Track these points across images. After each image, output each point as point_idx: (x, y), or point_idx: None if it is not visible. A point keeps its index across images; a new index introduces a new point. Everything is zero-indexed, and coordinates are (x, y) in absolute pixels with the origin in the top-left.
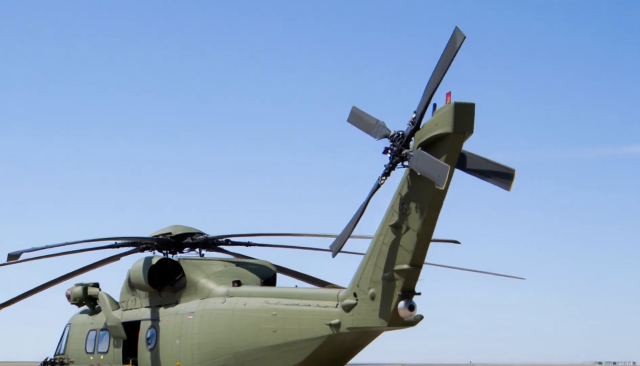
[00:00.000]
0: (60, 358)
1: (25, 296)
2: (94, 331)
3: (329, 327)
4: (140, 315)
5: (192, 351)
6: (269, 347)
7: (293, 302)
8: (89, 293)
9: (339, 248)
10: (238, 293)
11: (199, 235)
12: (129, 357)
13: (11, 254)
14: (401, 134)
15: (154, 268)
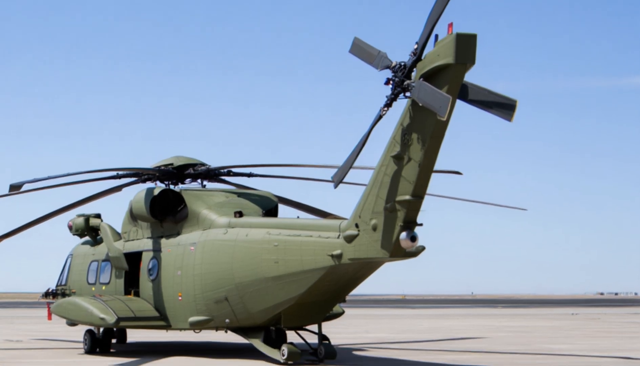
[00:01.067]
0: (62, 289)
1: (27, 227)
2: (95, 262)
3: (331, 258)
4: (142, 245)
5: (193, 282)
6: (270, 278)
7: (295, 233)
8: (91, 223)
9: (340, 179)
10: (240, 224)
11: (201, 166)
12: (131, 288)
13: (13, 185)
14: (403, 65)
15: (156, 198)
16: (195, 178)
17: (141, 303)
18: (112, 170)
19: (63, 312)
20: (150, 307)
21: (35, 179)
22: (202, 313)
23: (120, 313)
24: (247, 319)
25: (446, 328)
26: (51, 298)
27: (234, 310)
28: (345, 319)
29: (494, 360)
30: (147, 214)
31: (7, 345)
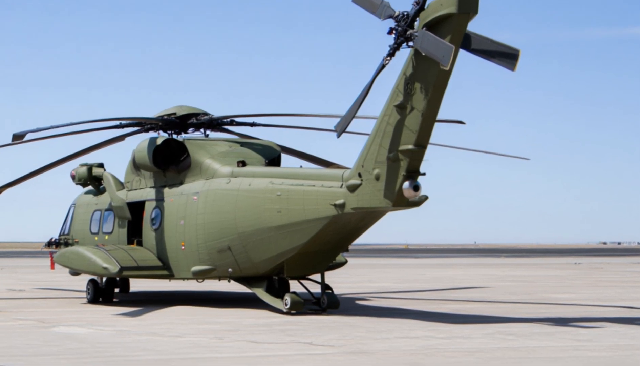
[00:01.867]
0: (64, 239)
1: (30, 177)
2: (98, 212)
3: (334, 207)
4: (144, 195)
5: (196, 232)
6: (273, 227)
7: (298, 182)
8: (94, 173)
9: (343, 129)
10: (243, 174)
11: (204, 115)
12: (134, 237)
13: (16, 135)
14: (406, 14)
15: (159, 148)
16: (198, 128)
17: (144, 253)
18: (115, 119)
19: (66, 262)
20: (153, 257)
21: (38, 129)
22: (204, 263)
23: (123, 263)
24: (250, 268)
25: (449, 277)
26: (54, 247)
27: (236, 260)
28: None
29: (496, 309)
30: (150, 163)
31: (10, 294)
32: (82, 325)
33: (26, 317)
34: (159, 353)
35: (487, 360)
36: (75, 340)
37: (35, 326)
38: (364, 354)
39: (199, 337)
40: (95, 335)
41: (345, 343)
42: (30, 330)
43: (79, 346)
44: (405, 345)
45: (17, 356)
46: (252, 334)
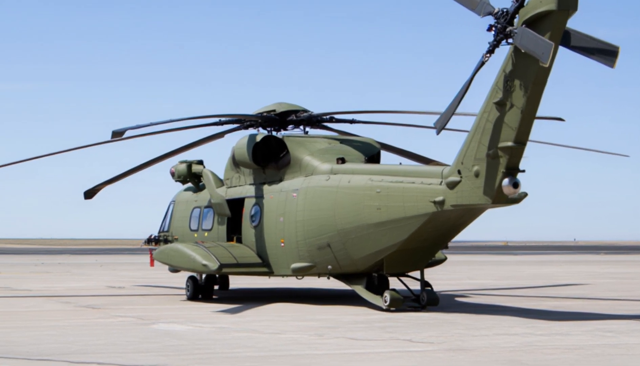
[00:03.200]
0: (164, 235)
1: (129, 174)
2: (198, 209)
3: (433, 204)
4: (244, 192)
5: (295, 229)
6: (372, 224)
7: (397, 179)
8: (193, 170)
9: (443, 125)
10: (342, 170)
11: (303, 112)
12: (233, 234)
13: (115, 132)
14: (505, 11)
15: (258, 145)
16: (298, 125)
17: (243, 250)
18: (215, 116)
19: (165, 258)
20: (252, 253)
21: (138, 126)
22: (304, 260)
23: (222, 260)
24: (350, 265)
25: (548, 274)
26: (153, 244)
27: (336, 257)
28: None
29: (596, 306)
30: (249, 160)
31: (110, 291)
32: (181, 322)
33: (126, 314)
34: (259, 350)
35: (586, 356)
36: (175, 337)
37: (134, 323)
38: (463, 351)
39: (299, 334)
40: (194, 331)
41: (444, 340)
42: (129, 326)
43: (178, 343)
44: (504, 342)
45: (117, 353)
46: (352, 331)
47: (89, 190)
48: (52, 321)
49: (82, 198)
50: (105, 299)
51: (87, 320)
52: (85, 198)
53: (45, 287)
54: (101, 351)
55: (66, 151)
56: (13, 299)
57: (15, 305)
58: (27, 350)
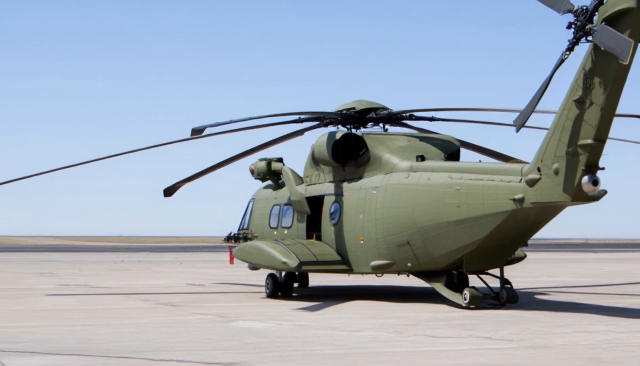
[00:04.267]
0: (244, 233)
1: (209, 171)
2: (277, 206)
3: (513, 202)
4: (324, 189)
5: (375, 226)
6: (452, 222)
7: (477, 177)
8: (273, 167)
9: (522, 123)
10: (422, 168)
11: (383, 110)
12: (313, 232)
13: (195, 129)
14: (585, 8)
15: (338, 142)
16: (377, 122)
17: (323, 247)
18: (295, 114)
19: (245, 256)
20: (332, 251)
21: (217, 123)
22: (384, 257)
23: (302, 257)
24: (429, 263)
25: (628, 272)
26: (233, 242)
27: (415, 254)
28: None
29: None
30: (329, 158)
31: (189, 289)
32: (261, 320)
33: (205, 312)
34: (338, 347)
35: None
36: (254, 335)
37: (214, 321)
38: (542, 348)
39: (378, 331)
40: (274, 329)
41: (524, 338)
42: (209, 324)
43: (257, 340)
44: (583, 340)
45: (196, 351)
46: (431, 328)
47: (168, 188)
48: (131, 318)
49: (162, 195)
50: (184, 296)
51: (166, 317)
52: (165, 196)
53: (124, 285)
54: (180, 349)
55: (146, 149)
56: (93, 297)
57: (95, 302)
58: (107, 348)
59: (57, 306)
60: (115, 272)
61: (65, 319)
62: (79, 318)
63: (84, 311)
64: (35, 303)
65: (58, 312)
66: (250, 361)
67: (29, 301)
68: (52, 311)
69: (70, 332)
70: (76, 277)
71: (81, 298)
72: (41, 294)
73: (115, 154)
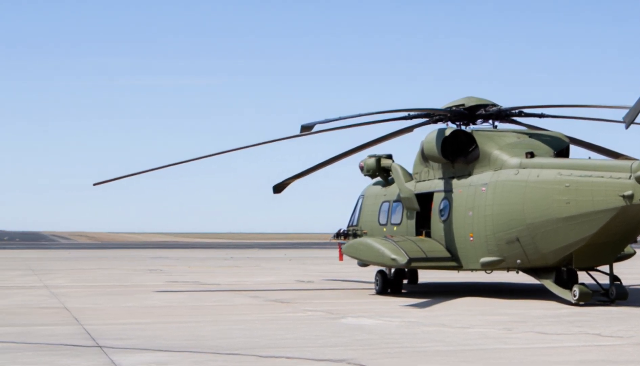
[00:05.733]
0: (353, 230)
1: (318, 168)
2: (387, 203)
3: (622, 198)
4: (433, 186)
5: (485, 223)
6: (561, 218)
7: (586, 173)
8: (382, 164)
9: (632, 120)
10: (531, 165)
11: (492, 106)
12: (422, 228)
13: (304, 126)
14: None
15: (447, 139)
16: (487, 119)
17: (432, 244)
18: (404, 111)
19: (354, 253)
20: (441, 248)
21: (327, 120)
22: (493, 254)
23: (411, 254)
24: (538, 259)
25: None
26: (342, 238)
27: (525, 251)
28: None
29: None
30: (438, 154)
31: (299, 285)
32: (370, 316)
33: (315, 308)
34: (448, 344)
35: None
36: (364, 331)
37: (323, 317)
38: None
39: (488, 328)
40: (383, 326)
41: (634, 334)
42: (318, 321)
43: (367, 337)
44: None
45: (306, 348)
46: (541, 325)
47: (278, 184)
48: (240, 315)
49: (272, 192)
50: (293, 293)
51: (275, 314)
52: (275, 192)
53: (234, 281)
54: (289, 346)
55: (255, 145)
56: (202, 293)
57: (204, 299)
58: (216, 344)
59: (166, 303)
60: (225, 269)
61: (175, 315)
62: (188, 314)
63: (192, 308)
64: (145, 299)
65: (167, 309)
66: (359, 358)
67: (138, 298)
68: (161, 307)
69: (179, 329)
70: (185, 274)
71: (190, 295)
72: (150, 291)
73: (225, 151)
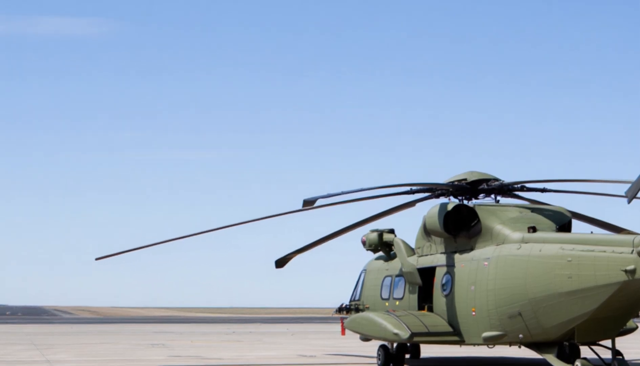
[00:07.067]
0: (355, 304)
1: (320, 243)
2: (389, 277)
3: (625, 273)
4: (435, 261)
5: (487, 297)
6: (564, 293)
7: (588, 248)
8: (385, 238)
9: (634, 194)
10: (533, 239)
11: (494, 181)
12: (424, 303)
13: (307, 201)
14: None
15: (450, 214)
16: (489, 193)
17: (435, 318)
18: (406, 185)
19: (356, 327)
20: (443, 322)
21: (329, 195)
22: (495, 328)
23: (413, 328)
24: (541, 334)
25: None
26: (345, 313)
27: (527, 325)
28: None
29: None
30: (440, 229)
31: (301, 360)
32: None
33: None
34: None
35: None
36: None
37: None
38: None
39: None
40: None
41: None
42: None
43: None
44: None
45: None
46: None
47: (280, 259)
48: None
49: (274, 266)
50: None
51: None
52: (277, 267)
53: (236, 356)
54: None
55: (257, 220)
56: None
57: None
58: None
59: None
60: (227, 343)
61: None
62: None
63: None
64: None
65: None
66: None
67: None
68: None
69: None
70: (188, 348)
71: None
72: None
73: (227, 225)
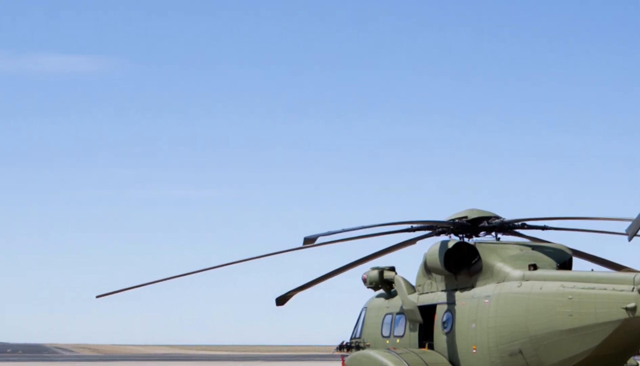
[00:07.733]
0: (356, 342)
1: (321, 280)
2: (390, 315)
3: (625, 311)
4: (436, 298)
5: (487, 335)
6: (564, 331)
7: (589, 286)
8: (385, 276)
9: (634, 232)
10: (534, 277)
11: (495, 219)
12: (425, 341)
13: (307, 238)
14: None
15: (450, 251)
16: (490, 231)
17: (435, 356)
18: (407, 223)
19: (357, 365)
20: (444, 360)
21: (330, 232)
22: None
23: None
24: None
25: None
26: (345, 351)
27: (528, 363)
28: None
29: None
30: (441, 267)
31: None
32: None
33: None
34: None
35: None
36: None
37: None
38: None
39: None
40: None
41: None
42: None
43: None
44: None
45: None
46: None
47: (280, 296)
48: None
49: (274, 304)
50: None
51: None
52: (277, 305)
53: None
54: None
55: (258, 258)
56: None
57: None
58: None
59: None
60: None
61: None
62: None
63: None
64: None
65: None
66: None
67: None
68: None
69: None
70: None
71: None
72: None
73: (228, 263)
